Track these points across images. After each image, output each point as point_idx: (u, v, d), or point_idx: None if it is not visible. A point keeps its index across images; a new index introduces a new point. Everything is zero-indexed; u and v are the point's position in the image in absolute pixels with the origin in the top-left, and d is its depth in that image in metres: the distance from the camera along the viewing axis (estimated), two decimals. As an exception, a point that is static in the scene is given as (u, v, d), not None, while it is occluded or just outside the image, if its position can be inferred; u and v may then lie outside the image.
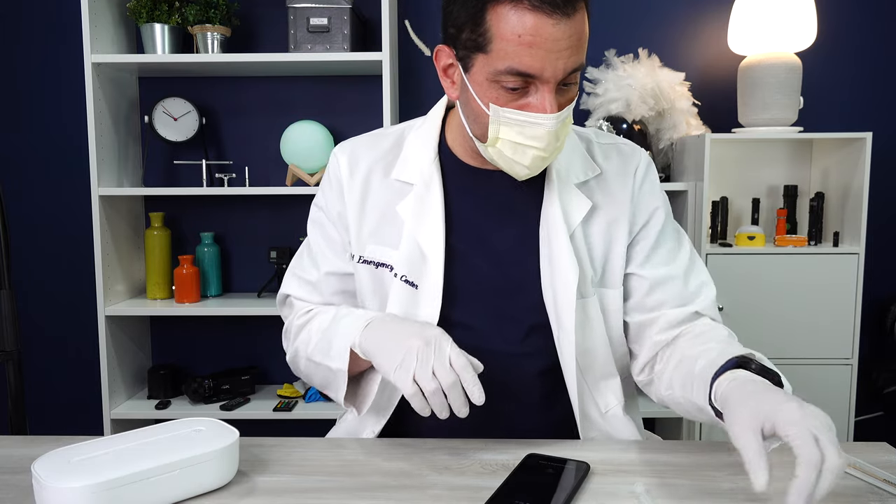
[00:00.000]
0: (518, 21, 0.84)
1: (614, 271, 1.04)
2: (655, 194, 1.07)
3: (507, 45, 0.85)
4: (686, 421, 2.12)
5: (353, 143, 1.10)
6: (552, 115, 0.88)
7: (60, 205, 2.39)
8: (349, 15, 2.08)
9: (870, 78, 2.34)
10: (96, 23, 2.06)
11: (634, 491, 0.81)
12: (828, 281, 2.04)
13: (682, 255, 1.07)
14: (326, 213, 1.10)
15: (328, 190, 1.09)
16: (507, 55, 0.86)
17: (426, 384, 0.84)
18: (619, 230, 1.04)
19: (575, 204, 1.02)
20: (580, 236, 1.02)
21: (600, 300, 1.04)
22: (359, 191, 1.06)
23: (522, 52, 0.85)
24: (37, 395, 2.42)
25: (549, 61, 0.85)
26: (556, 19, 0.83)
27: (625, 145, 1.10)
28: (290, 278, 1.14)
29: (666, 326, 1.03)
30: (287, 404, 2.19)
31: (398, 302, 1.02)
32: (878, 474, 0.86)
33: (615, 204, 1.04)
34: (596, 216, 1.03)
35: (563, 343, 1.00)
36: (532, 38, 0.84)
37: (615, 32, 2.32)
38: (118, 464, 0.75)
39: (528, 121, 0.89)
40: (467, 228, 1.03)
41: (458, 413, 0.84)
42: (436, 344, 0.85)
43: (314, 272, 1.11)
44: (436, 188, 1.03)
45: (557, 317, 1.00)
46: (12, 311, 1.19)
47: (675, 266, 1.05)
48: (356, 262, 1.07)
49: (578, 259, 1.00)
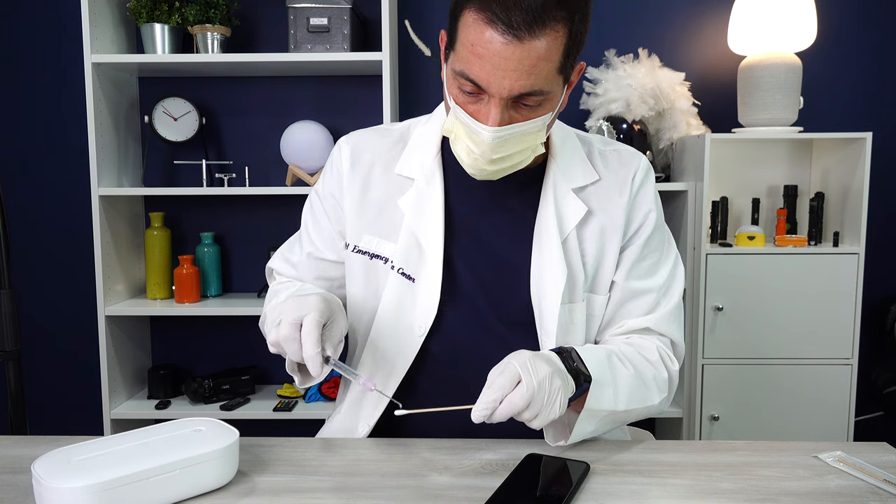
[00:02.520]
0: (475, 30, 0.85)
1: (605, 277, 1.05)
2: (650, 201, 1.07)
3: (463, 49, 0.88)
4: (686, 421, 2.12)
5: (358, 136, 1.13)
6: (490, 129, 0.89)
7: (60, 205, 2.39)
8: (349, 15, 2.08)
9: (870, 78, 2.34)
10: (96, 23, 2.06)
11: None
12: (828, 281, 2.04)
13: (663, 269, 1.08)
14: (322, 200, 1.12)
15: (329, 178, 1.11)
16: (462, 60, 0.88)
17: (274, 342, 0.89)
18: (613, 236, 1.04)
19: (570, 209, 1.03)
20: (574, 241, 1.03)
21: (588, 305, 1.04)
22: (360, 182, 1.08)
23: (473, 61, 0.87)
24: (37, 395, 2.42)
25: (494, 76, 0.86)
26: (506, 39, 0.84)
27: (625, 151, 1.10)
28: (277, 254, 1.20)
29: (622, 331, 1.06)
30: (287, 404, 2.19)
31: (395, 294, 1.03)
32: (877, 474, 0.86)
33: (611, 210, 1.05)
34: (591, 222, 1.04)
35: (545, 345, 1.02)
36: (482, 51, 0.85)
37: (615, 32, 2.32)
38: (118, 464, 0.75)
39: (472, 126, 0.91)
40: (465, 226, 1.04)
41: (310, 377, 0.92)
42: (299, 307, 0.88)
43: (297, 253, 1.15)
44: (437, 184, 1.04)
45: (541, 318, 1.01)
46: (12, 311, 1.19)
47: (653, 280, 1.06)
48: (350, 252, 1.08)
49: (571, 264, 1.01)
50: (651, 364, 1.01)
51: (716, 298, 2.05)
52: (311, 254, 1.13)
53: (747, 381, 2.07)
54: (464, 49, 0.87)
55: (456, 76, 0.90)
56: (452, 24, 0.90)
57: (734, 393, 2.08)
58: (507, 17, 0.83)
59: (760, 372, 2.07)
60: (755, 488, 0.83)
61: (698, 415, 2.09)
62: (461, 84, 0.90)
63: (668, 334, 1.06)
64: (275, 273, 1.19)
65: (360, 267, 1.07)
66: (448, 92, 0.94)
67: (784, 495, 0.81)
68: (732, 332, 2.06)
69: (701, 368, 2.07)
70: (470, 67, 0.87)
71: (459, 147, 0.95)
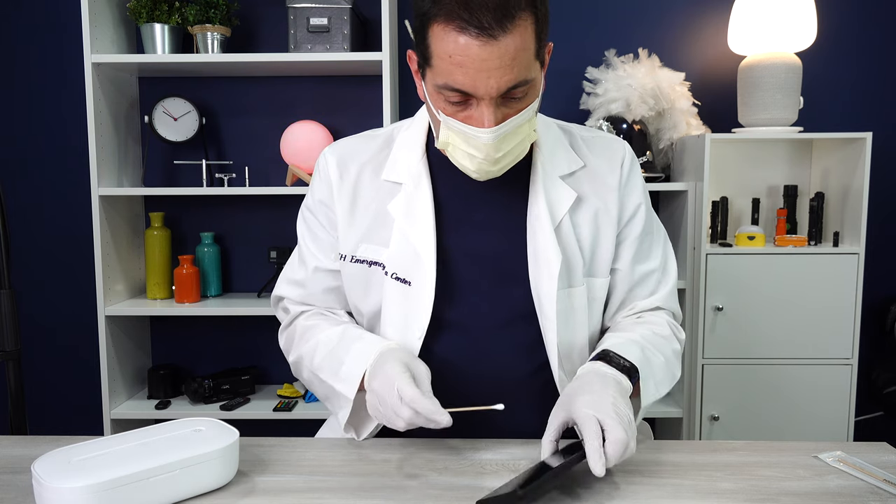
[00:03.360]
0: (449, 41, 0.86)
1: (602, 260, 1.08)
2: (639, 188, 1.11)
3: (441, 62, 0.89)
4: (686, 421, 2.12)
5: (342, 145, 1.13)
6: (489, 130, 0.91)
7: (60, 205, 2.39)
8: (349, 15, 2.08)
9: (870, 78, 2.34)
10: (96, 23, 2.06)
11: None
12: (828, 281, 2.04)
13: (657, 249, 1.13)
14: (314, 211, 1.12)
15: (318, 190, 1.11)
16: (443, 72, 0.89)
17: (397, 426, 0.87)
18: (608, 219, 1.07)
19: (561, 195, 1.05)
20: (568, 226, 1.04)
21: (588, 289, 1.06)
22: (349, 192, 1.08)
23: (455, 71, 0.88)
24: (37, 395, 2.42)
25: (479, 80, 0.87)
26: (482, 41, 0.85)
27: (608, 137, 1.14)
28: (280, 281, 1.17)
29: (632, 311, 1.12)
30: (287, 404, 2.19)
31: (392, 300, 1.03)
32: (877, 474, 0.86)
33: (602, 193, 1.07)
34: (583, 206, 1.06)
35: (547, 333, 1.02)
36: (462, 58, 0.86)
37: (615, 32, 2.32)
38: (118, 464, 0.75)
39: (468, 133, 0.92)
40: (457, 225, 1.05)
41: (439, 426, 0.84)
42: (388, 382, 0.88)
43: (302, 271, 1.14)
44: (425, 186, 1.04)
45: (540, 305, 1.02)
46: (12, 311, 1.19)
47: (652, 261, 1.12)
48: (347, 262, 1.08)
49: (567, 248, 1.03)
50: (667, 340, 1.06)
51: (716, 298, 2.05)
52: (317, 268, 1.12)
53: (747, 381, 2.07)
54: (441, 62, 0.88)
55: (440, 90, 0.91)
56: (421, 42, 0.91)
57: (734, 393, 2.08)
58: (476, 20, 0.84)
59: (760, 372, 2.07)
60: (755, 488, 0.83)
61: (698, 415, 2.09)
62: (447, 97, 0.91)
63: (672, 308, 1.13)
64: (285, 301, 1.17)
65: (358, 276, 1.07)
66: (434, 107, 0.95)
67: (784, 495, 0.81)
68: (732, 332, 2.06)
69: (701, 368, 2.07)
70: (453, 77, 0.88)
71: (459, 155, 0.96)
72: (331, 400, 1.04)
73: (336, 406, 1.02)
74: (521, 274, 1.03)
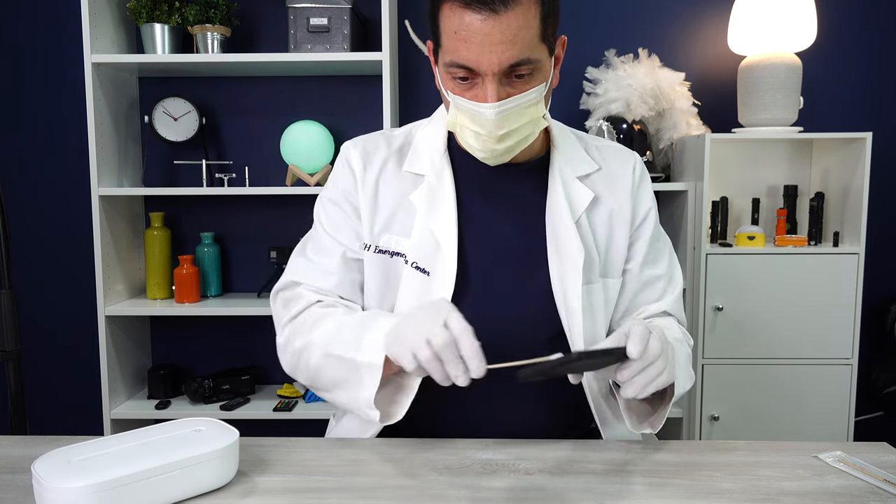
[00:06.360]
0: (455, 18, 0.92)
1: (616, 260, 1.10)
2: (649, 194, 1.15)
3: (448, 40, 0.94)
4: (686, 421, 2.12)
5: (364, 140, 1.14)
6: (491, 105, 0.94)
7: (60, 205, 2.39)
8: (349, 15, 2.08)
9: (870, 78, 2.34)
10: (96, 23, 2.06)
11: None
12: (828, 281, 2.04)
13: (664, 257, 1.16)
14: (338, 203, 1.10)
15: (342, 181, 1.10)
16: (450, 49, 0.94)
17: (420, 355, 0.83)
18: (621, 221, 1.10)
19: (579, 194, 1.07)
20: (585, 224, 1.07)
21: (604, 289, 1.08)
22: (372, 184, 1.09)
23: (459, 47, 0.92)
24: (37, 395, 2.42)
25: (482, 55, 0.91)
26: (484, 15, 0.89)
27: (619, 147, 1.18)
28: (299, 266, 1.11)
29: (642, 317, 1.13)
30: (287, 404, 2.19)
31: (410, 289, 1.04)
32: (877, 474, 0.86)
33: (616, 196, 1.11)
34: (599, 206, 1.09)
35: (571, 326, 1.03)
36: (465, 33, 0.91)
37: (615, 32, 2.32)
38: (118, 464, 0.75)
39: (473, 109, 0.96)
40: (477, 218, 1.06)
41: (456, 381, 0.83)
42: (435, 309, 0.86)
43: (327, 259, 1.09)
44: (447, 179, 1.06)
45: (565, 299, 1.03)
46: (12, 311, 1.19)
47: (659, 268, 1.15)
48: (370, 253, 1.08)
49: (586, 245, 1.05)
50: (680, 343, 1.07)
51: (716, 298, 2.05)
52: (344, 254, 1.08)
53: (747, 381, 2.07)
54: (448, 40, 0.93)
55: (448, 68, 0.95)
56: (434, 26, 0.97)
57: (734, 393, 2.08)
58: None
59: (760, 372, 2.07)
60: (755, 488, 0.83)
61: (698, 415, 2.09)
62: (454, 73, 0.95)
63: (679, 316, 1.15)
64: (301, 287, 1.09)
65: (379, 266, 1.07)
66: (445, 88, 0.99)
67: (784, 495, 0.81)
68: (732, 332, 2.06)
69: (701, 368, 2.07)
70: (458, 53, 0.92)
71: (467, 135, 0.99)
72: (349, 381, 0.95)
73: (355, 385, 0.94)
74: (541, 268, 1.04)
